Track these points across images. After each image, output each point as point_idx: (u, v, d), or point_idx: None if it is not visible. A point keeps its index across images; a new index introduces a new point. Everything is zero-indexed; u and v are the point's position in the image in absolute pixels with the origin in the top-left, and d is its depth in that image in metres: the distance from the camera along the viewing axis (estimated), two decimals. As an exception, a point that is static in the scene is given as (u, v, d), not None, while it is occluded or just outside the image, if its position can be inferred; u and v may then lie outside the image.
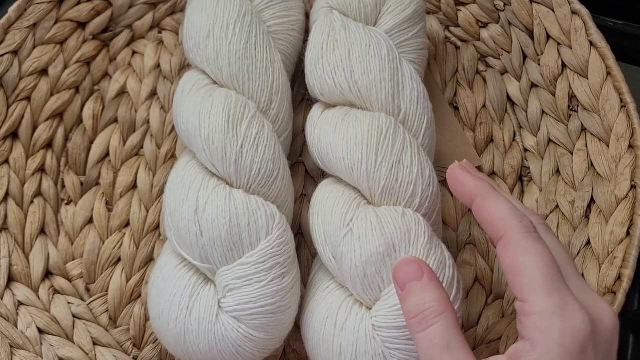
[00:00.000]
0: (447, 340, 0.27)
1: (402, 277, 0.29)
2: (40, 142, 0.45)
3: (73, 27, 0.47)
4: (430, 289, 0.28)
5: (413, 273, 0.29)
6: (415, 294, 0.29)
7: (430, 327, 0.27)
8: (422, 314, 0.28)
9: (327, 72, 0.40)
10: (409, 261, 0.30)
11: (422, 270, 0.29)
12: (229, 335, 0.34)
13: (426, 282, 0.29)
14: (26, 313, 0.40)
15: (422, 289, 0.29)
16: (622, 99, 0.42)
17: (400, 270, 0.30)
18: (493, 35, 0.48)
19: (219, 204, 0.35)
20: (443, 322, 0.27)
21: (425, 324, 0.27)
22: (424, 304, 0.28)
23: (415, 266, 0.29)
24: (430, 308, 0.28)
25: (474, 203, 0.30)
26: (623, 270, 0.38)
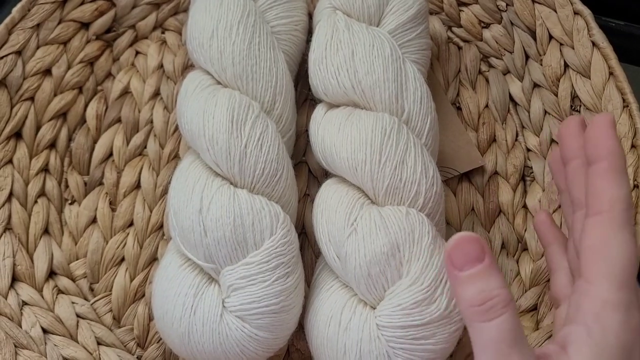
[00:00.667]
0: (515, 333, 0.25)
1: (460, 257, 0.26)
2: (44, 142, 0.45)
3: (76, 27, 0.48)
4: (495, 274, 0.26)
5: (474, 252, 0.26)
6: (478, 279, 0.26)
7: (497, 318, 0.25)
8: (490, 302, 0.25)
9: (330, 72, 0.40)
10: (470, 239, 0.26)
11: (484, 251, 0.26)
12: (233, 334, 0.34)
13: (489, 265, 0.26)
14: (30, 313, 0.40)
15: (486, 273, 0.26)
16: (624, 99, 0.42)
17: (457, 248, 0.27)
18: (495, 35, 0.48)
19: (223, 204, 0.35)
20: (512, 313, 0.25)
21: (492, 314, 0.25)
22: (490, 291, 0.25)
23: (477, 245, 0.26)
24: (499, 296, 0.25)
25: (597, 163, 0.27)
26: (626, 270, 0.38)
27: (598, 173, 0.27)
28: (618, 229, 0.26)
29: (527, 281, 0.41)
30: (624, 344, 0.25)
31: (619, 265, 0.26)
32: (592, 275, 0.26)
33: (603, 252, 0.26)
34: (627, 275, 0.26)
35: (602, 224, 0.26)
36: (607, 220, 0.26)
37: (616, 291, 0.25)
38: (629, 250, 0.26)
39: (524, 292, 0.41)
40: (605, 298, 0.25)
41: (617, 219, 0.26)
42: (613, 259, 0.26)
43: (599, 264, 0.26)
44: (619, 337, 0.25)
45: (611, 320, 0.25)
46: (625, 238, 0.26)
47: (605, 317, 0.25)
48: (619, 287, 0.25)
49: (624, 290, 0.25)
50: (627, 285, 0.26)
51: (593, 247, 0.26)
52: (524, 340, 0.26)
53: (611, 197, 0.27)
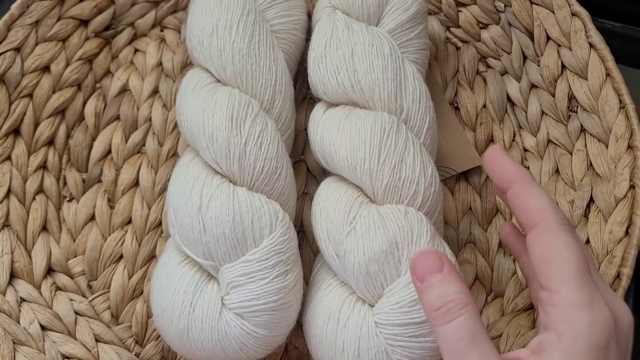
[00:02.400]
0: (473, 332, 0.26)
1: (421, 269, 0.29)
2: (42, 139, 0.45)
3: (75, 24, 0.48)
4: (452, 281, 0.28)
5: (433, 264, 0.28)
6: (436, 287, 0.28)
7: (455, 319, 0.27)
8: (446, 306, 0.27)
9: (330, 71, 0.40)
10: (428, 253, 0.29)
11: (442, 262, 0.28)
12: (232, 332, 0.34)
13: (447, 274, 0.28)
14: (28, 309, 0.40)
15: (444, 281, 0.28)
16: (621, 100, 0.42)
17: (419, 261, 0.29)
18: (493, 36, 0.48)
19: (222, 202, 0.35)
20: (469, 314, 0.27)
21: (449, 316, 0.27)
22: (447, 296, 0.27)
23: (435, 257, 0.29)
24: (455, 300, 0.27)
25: (512, 187, 0.30)
26: (622, 269, 0.38)
27: (517, 193, 0.30)
28: (556, 232, 0.27)
29: (523, 280, 0.42)
30: (596, 344, 0.25)
31: (570, 266, 0.26)
32: (550, 283, 0.27)
33: (551, 258, 0.27)
34: (582, 272, 0.26)
35: (541, 235, 0.28)
36: (544, 229, 0.28)
37: (577, 291, 0.26)
38: (573, 248, 0.27)
39: (521, 291, 0.41)
40: (568, 301, 0.26)
41: (551, 224, 0.27)
42: (563, 262, 0.27)
43: (552, 271, 0.27)
44: (590, 337, 0.25)
45: (579, 322, 0.25)
46: (566, 238, 0.27)
47: (572, 320, 0.26)
48: (578, 286, 0.26)
49: (583, 287, 0.26)
50: (585, 282, 0.26)
51: (541, 257, 0.27)
52: (484, 340, 0.27)
53: (537, 208, 0.28)
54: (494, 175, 0.31)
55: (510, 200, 0.30)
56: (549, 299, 0.26)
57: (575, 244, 0.27)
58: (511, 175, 0.30)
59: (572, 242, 0.27)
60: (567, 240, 0.27)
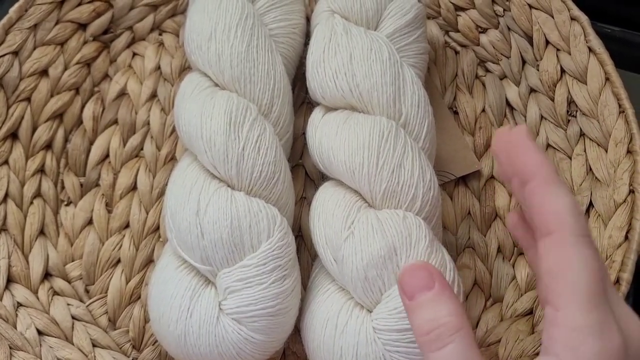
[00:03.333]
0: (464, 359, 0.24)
1: (410, 286, 0.26)
2: (40, 143, 0.45)
3: (74, 28, 0.47)
4: (444, 301, 0.25)
5: (423, 280, 0.26)
6: (426, 307, 0.25)
7: (446, 347, 0.24)
8: (436, 330, 0.25)
9: (328, 76, 0.40)
10: (418, 267, 0.27)
11: (433, 278, 0.26)
12: (230, 337, 0.34)
13: (438, 292, 0.25)
14: (25, 314, 0.40)
15: (434, 301, 0.25)
16: (620, 104, 0.42)
17: (407, 277, 0.27)
18: (492, 40, 0.48)
19: (220, 206, 0.35)
20: (460, 341, 0.24)
21: (440, 343, 0.24)
22: (437, 320, 0.25)
23: (425, 273, 0.26)
24: (446, 325, 0.25)
25: (530, 182, 0.25)
26: (622, 274, 0.38)
27: (535, 190, 0.25)
28: (572, 245, 0.24)
29: (522, 285, 0.42)
30: None
31: (583, 285, 0.23)
32: (557, 300, 0.24)
33: (563, 274, 0.24)
34: (595, 294, 0.23)
35: (555, 245, 0.24)
36: (559, 240, 0.24)
37: (586, 315, 0.23)
38: (590, 265, 0.24)
39: (520, 296, 0.41)
40: (575, 325, 0.23)
41: (568, 235, 0.24)
42: (575, 279, 0.23)
43: (562, 289, 0.24)
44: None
45: (585, 350, 0.23)
46: (582, 254, 0.24)
47: (577, 347, 0.23)
48: (588, 309, 0.23)
49: (594, 312, 0.23)
50: (597, 305, 0.23)
51: (552, 269, 0.24)
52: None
53: (556, 213, 0.24)
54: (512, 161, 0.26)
55: (527, 197, 0.26)
56: (554, 318, 0.24)
57: (592, 259, 0.24)
58: (533, 166, 0.25)
59: (589, 258, 0.24)
60: (584, 254, 0.24)
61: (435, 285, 0.26)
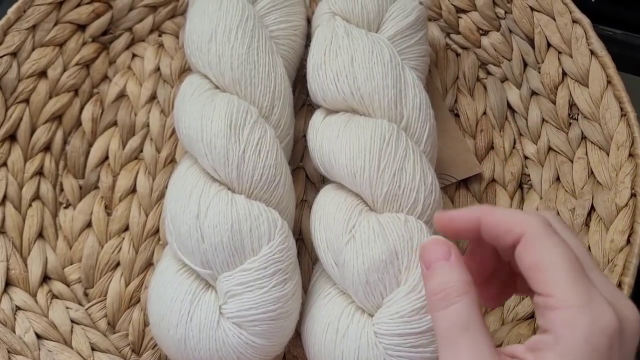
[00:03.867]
0: (467, 320, 0.26)
1: (429, 256, 0.29)
2: (39, 145, 0.45)
3: (73, 29, 0.47)
4: (456, 270, 0.28)
5: (441, 253, 0.28)
6: (440, 273, 0.28)
7: (451, 306, 0.27)
8: (444, 291, 0.27)
9: (329, 78, 0.40)
10: (438, 241, 0.29)
11: (450, 251, 0.28)
12: (230, 341, 0.34)
13: (453, 262, 0.28)
14: (24, 318, 0.40)
15: (448, 269, 0.28)
16: (622, 107, 0.42)
17: (428, 249, 0.29)
18: (494, 42, 0.48)
19: (220, 210, 0.35)
20: (465, 302, 0.27)
21: (446, 302, 0.27)
22: (447, 282, 0.27)
23: (445, 247, 0.29)
24: (454, 287, 0.27)
25: (481, 222, 0.29)
26: (623, 278, 0.38)
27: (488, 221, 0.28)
28: (542, 237, 0.26)
29: (524, 289, 0.41)
30: (597, 347, 0.24)
31: (563, 268, 0.25)
32: (545, 288, 0.26)
33: (542, 264, 0.26)
34: (575, 273, 0.25)
35: (528, 243, 0.27)
36: (529, 237, 0.27)
37: (574, 292, 0.25)
38: (564, 250, 0.26)
39: (521, 300, 0.41)
40: (565, 304, 0.25)
41: (535, 230, 0.27)
42: (554, 266, 0.26)
43: (545, 276, 0.26)
44: (589, 340, 0.24)
45: (578, 324, 0.24)
46: (552, 241, 0.26)
47: (571, 322, 0.25)
48: (574, 287, 0.25)
49: (580, 289, 0.25)
50: (581, 282, 0.25)
51: (532, 265, 0.26)
52: (478, 329, 0.26)
53: (515, 222, 0.27)
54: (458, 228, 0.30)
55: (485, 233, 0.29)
56: (546, 303, 0.25)
57: (563, 244, 0.26)
58: (471, 215, 0.29)
59: (559, 244, 0.26)
60: (554, 242, 0.26)
61: (452, 257, 0.28)
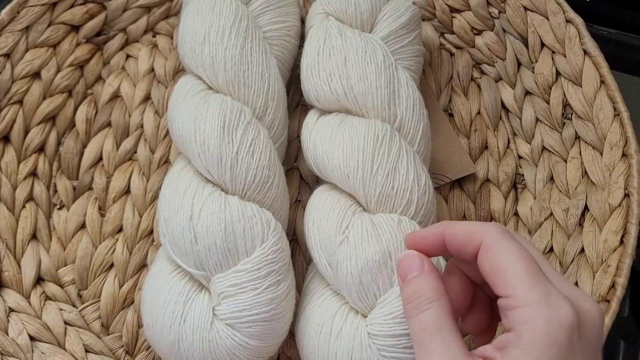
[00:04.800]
0: (438, 324, 0.28)
1: (404, 269, 0.31)
2: (32, 146, 0.45)
3: (66, 30, 0.47)
4: (428, 279, 0.30)
5: (415, 265, 0.31)
6: (414, 283, 0.30)
7: (423, 312, 0.29)
8: (417, 299, 0.29)
9: (323, 79, 0.40)
10: (412, 255, 0.31)
11: (423, 264, 0.31)
12: (224, 342, 0.34)
13: (426, 273, 0.30)
14: (17, 320, 0.40)
15: (421, 279, 0.30)
16: (615, 107, 0.42)
17: (403, 262, 0.31)
18: (488, 42, 0.48)
19: (214, 211, 0.35)
20: (436, 308, 0.29)
21: (419, 309, 0.29)
22: (420, 291, 0.29)
23: (418, 259, 0.31)
24: (425, 294, 0.29)
25: (444, 237, 0.31)
26: (617, 279, 0.38)
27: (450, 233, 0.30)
28: (499, 242, 0.28)
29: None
30: (555, 339, 0.26)
31: (519, 269, 0.27)
32: (505, 290, 0.27)
33: (500, 268, 0.27)
34: (532, 273, 0.27)
35: (486, 249, 0.28)
36: (487, 243, 0.28)
37: (531, 290, 0.26)
38: (517, 252, 0.27)
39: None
40: (524, 302, 0.26)
41: (492, 236, 0.28)
42: (511, 268, 0.27)
43: (504, 278, 0.27)
44: (548, 333, 0.26)
45: (537, 320, 0.26)
46: (509, 245, 0.28)
47: (530, 319, 0.26)
48: (531, 285, 0.26)
49: (537, 286, 0.26)
50: (537, 281, 0.27)
51: (491, 269, 0.28)
52: (450, 332, 0.28)
53: (474, 231, 0.29)
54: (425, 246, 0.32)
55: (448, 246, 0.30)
56: (507, 304, 0.27)
57: (518, 247, 0.28)
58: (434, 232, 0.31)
59: (515, 247, 0.28)
60: (510, 246, 0.28)
61: (425, 267, 0.31)
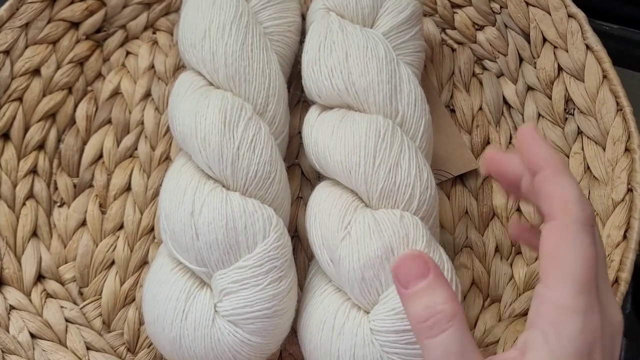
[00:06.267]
0: (461, 346, 0.25)
1: (405, 274, 0.26)
2: (33, 143, 0.44)
3: (66, 26, 0.47)
4: (439, 288, 0.26)
5: (418, 269, 0.26)
6: (422, 295, 0.26)
7: (443, 333, 0.25)
8: (433, 318, 0.25)
9: (324, 74, 0.39)
10: (413, 256, 0.27)
11: (428, 266, 0.26)
12: (226, 339, 0.34)
13: (433, 280, 0.26)
14: (18, 317, 0.40)
15: (430, 288, 0.26)
16: (618, 102, 0.42)
17: (402, 266, 0.27)
18: (489, 37, 0.48)
19: (215, 207, 0.35)
20: (457, 327, 0.25)
21: (437, 329, 0.25)
22: (434, 307, 0.25)
23: (420, 261, 0.26)
24: (443, 312, 0.25)
25: (540, 172, 0.27)
26: (620, 274, 0.38)
27: (544, 180, 0.27)
28: (574, 232, 0.26)
29: (520, 285, 0.41)
30: (581, 350, 0.24)
31: (576, 269, 0.25)
32: (550, 281, 0.25)
33: (560, 256, 0.25)
34: (586, 279, 0.25)
35: (557, 229, 0.26)
36: (562, 225, 0.26)
37: (574, 296, 0.25)
38: (586, 253, 0.25)
39: (518, 296, 0.41)
40: (562, 304, 0.25)
41: (571, 222, 0.26)
42: (570, 263, 0.25)
43: (556, 269, 0.25)
44: (576, 344, 0.24)
45: (568, 327, 0.24)
46: (581, 241, 0.25)
47: (562, 324, 0.25)
48: (577, 291, 0.25)
49: (582, 294, 0.25)
50: (586, 289, 0.25)
51: (550, 252, 0.26)
52: (473, 350, 0.25)
53: (562, 201, 0.26)
54: (525, 154, 0.28)
55: (536, 186, 0.27)
56: (544, 295, 0.25)
57: (589, 248, 0.25)
58: (543, 159, 0.27)
59: (586, 246, 0.25)
60: (582, 242, 0.25)
61: (430, 273, 0.26)
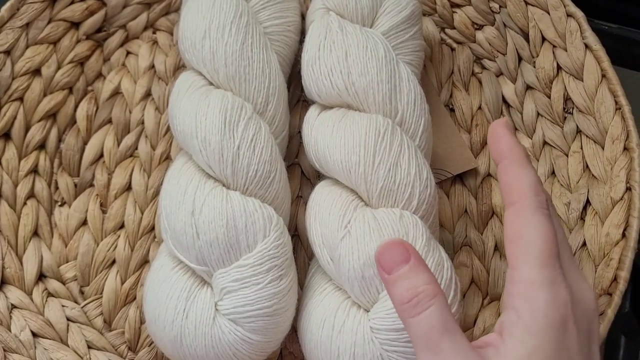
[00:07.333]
0: (444, 322, 0.26)
1: (388, 261, 0.28)
2: (33, 143, 0.45)
3: (66, 27, 0.47)
4: (420, 271, 0.28)
5: (400, 255, 0.28)
6: (405, 278, 0.27)
7: (426, 310, 0.27)
8: (417, 297, 0.27)
9: (324, 74, 0.40)
10: (394, 243, 0.29)
11: (409, 252, 0.28)
12: (226, 338, 0.34)
13: (414, 264, 0.28)
14: (19, 316, 0.40)
15: (412, 272, 0.28)
16: (616, 101, 0.42)
17: (385, 253, 0.28)
18: (488, 37, 0.48)
19: (215, 206, 0.35)
20: (438, 304, 0.27)
21: (420, 308, 0.27)
22: (416, 288, 0.27)
23: (402, 248, 0.28)
24: (424, 291, 0.27)
25: (501, 163, 0.30)
26: (619, 272, 0.38)
27: (504, 169, 0.30)
28: (530, 214, 0.28)
29: (520, 283, 0.41)
30: (553, 322, 0.26)
31: (536, 247, 0.27)
32: (515, 261, 0.27)
33: (520, 238, 0.27)
34: (547, 255, 0.27)
35: (515, 214, 0.28)
36: (519, 209, 0.28)
37: (538, 270, 0.26)
38: (544, 231, 0.27)
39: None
40: (528, 279, 0.26)
41: (527, 206, 0.28)
42: (530, 242, 0.27)
43: (518, 250, 0.27)
44: (547, 315, 0.26)
45: (537, 300, 0.26)
46: (538, 221, 0.27)
47: (531, 298, 0.26)
48: (541, 265, 0.27)
49: (546, 269, 0.26)
50: (549, 264, 0.27)
51: (511, 234, 0.28)
52: (455, 329, 0.27)
53: (519, 188, 0.28)
54: (490, 147, 0.31)
55: (498, 176, 0.30)
56: (512, 277, 0.27)
57: (546, 226, 0.27)
58: (504, 150, 0.30)
59: (543, 224, 0.27)
60: (539, 222, 0.27)
61: (412, 258, 0.28)
